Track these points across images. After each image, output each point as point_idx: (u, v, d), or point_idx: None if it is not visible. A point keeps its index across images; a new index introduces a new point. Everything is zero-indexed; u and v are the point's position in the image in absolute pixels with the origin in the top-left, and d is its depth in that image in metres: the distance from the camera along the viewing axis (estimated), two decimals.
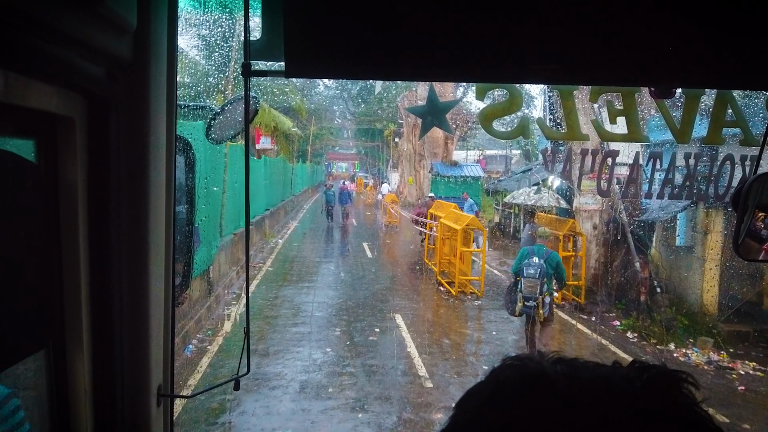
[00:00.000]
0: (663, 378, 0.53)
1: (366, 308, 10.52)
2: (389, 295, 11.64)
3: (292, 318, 9.70)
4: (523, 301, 7.60)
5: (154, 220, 1.22)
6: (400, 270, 14.90)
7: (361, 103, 45.59)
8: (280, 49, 1.14)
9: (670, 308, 10.59)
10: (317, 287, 12.17)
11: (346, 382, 6.95)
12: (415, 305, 10.97)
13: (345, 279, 13.20)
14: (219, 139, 1.65)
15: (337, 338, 8.71)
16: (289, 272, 13.66)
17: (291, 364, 7.49)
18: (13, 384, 1.17)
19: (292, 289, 11.93)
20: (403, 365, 7.67)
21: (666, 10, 1.10)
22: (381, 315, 10.10)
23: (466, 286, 11.56)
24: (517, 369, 0.56)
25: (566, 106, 1.75)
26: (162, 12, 1.19)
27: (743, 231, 1.46)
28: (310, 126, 36.93)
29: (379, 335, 8.91)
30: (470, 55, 1.15)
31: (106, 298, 1.15)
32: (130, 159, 1.16)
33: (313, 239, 20.09)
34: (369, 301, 11.01)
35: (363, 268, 14.69)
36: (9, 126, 0.96)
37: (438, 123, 1.83)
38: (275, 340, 8.43)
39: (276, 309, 10.19)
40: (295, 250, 17.22)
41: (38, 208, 1.03)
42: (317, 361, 7.63)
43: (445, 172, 25.56)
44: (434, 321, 10.03)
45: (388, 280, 13.27)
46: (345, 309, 10.41)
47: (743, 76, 1.23)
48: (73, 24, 0.93)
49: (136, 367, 1.22)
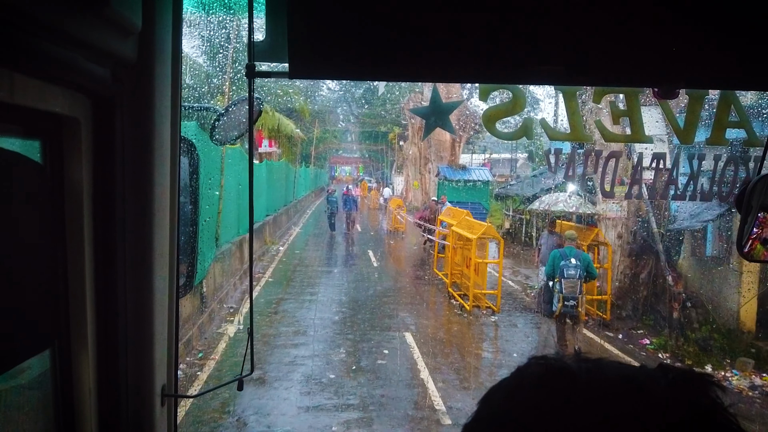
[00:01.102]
0: (689, 378, 0.52)
1: (373, 325, 9.65)
2: (397, 309, 10.76)
3: (293, 337, 8.85)
4: (563, 302, 7.76)
5: (159, 221, 1.22)
6: (407, 280, 14.02)
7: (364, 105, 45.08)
8: (284, 50, 1.15)
9: (705, 325, 9.71)
10: (320, 300, 11.32)
11: (352, 418, 6.09)
12: (426, 321, 10.09)
13: (349, 291, 12.31)
14: (223, 140, 1.65)
15: (342, 362, 7.86)
16: (290, 283, 12.81)
17: (290, 394, 6.64)
18: (18, 383, 1.14)
19: (292, 302, 11.08)
20: (417, 396, 6.80)
21: (669, 11, 1.10)
22: (389, 333, 9.23)
23: (481, 299, 10.68)
24: (542, 365, 0.56)
25: (569, 106, 1.74)
26: (167, 13, 1.20)
27: (747, 231, 1.47)
28: (313, 129, 36.57)
29: (387, 358, 8.04)
30: (473, 56, 1.17)
31: (110, 298, 1.16)
32: (135, 160, 1.17)
33: (316, 246, 19.23)
34: (376, 317, 10.15)
35: (368, 278, 13.81)
36: (15, 127, 0.97)
37: (441, 124, 1.83)
38: (273, 365, 7.58)
39: (275, 326, 9.33)
40: (297, 258, 16.39)
41: (44, 208, 1.05)
42: (319, 390, 6.78)
43: (453, 175, 24.90)
44: (448, 340, 9.14)
45: (395, 292, 12.37)
46: (350, 326, 9.55)
47: (747, 77, 1.27)
48: (78, 26, 0.95)
49: (141, 367, 1.22)
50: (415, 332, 9.21)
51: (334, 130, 47.81)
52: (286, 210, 23.72)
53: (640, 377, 0.52)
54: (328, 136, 45.87)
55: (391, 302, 11.31)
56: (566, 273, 7.76)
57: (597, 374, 0.52)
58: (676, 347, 9.36)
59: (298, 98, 27.39)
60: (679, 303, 9.74)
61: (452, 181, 24.58)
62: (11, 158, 0.93)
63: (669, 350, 9.27)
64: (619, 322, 10.23)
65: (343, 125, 50.21)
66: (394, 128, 39.28)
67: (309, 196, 38.13)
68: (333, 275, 14.35)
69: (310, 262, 16.04)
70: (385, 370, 7.60)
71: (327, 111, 44.91)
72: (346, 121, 49.68)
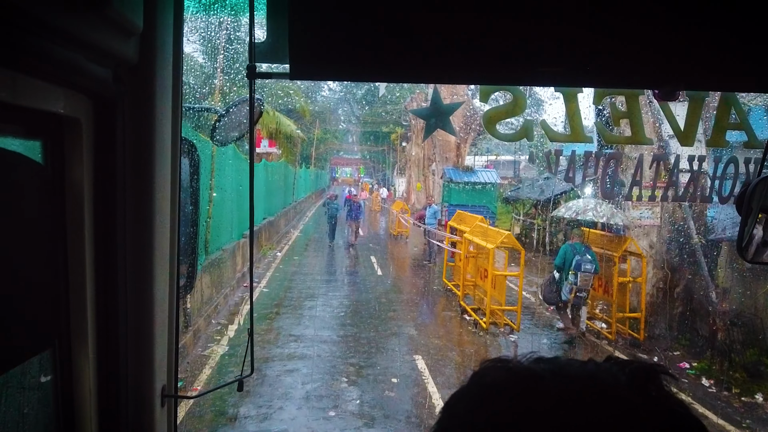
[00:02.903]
0: (644, 372, 0.53)
1: (378, 346, 8.56)
2: (405, 327, 9.66)
3: (288, 361, 7.76)
4: (575, 293, 8.57)
5: (159, 221, 1.22)
6: (415, 291, 12.92)
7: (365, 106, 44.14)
8: (285, 51, 1.15)
9: (752, 348, 8.62)
10: (318, 316, 10.24)
11: None
12: (439, 342, 8.99)
13: (351, 304, 11.21)
14: (224, 141, 1.69)
15: (345, 392, 6.77)
16: (286, 295, 11.73)
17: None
18: (18, 383, 1.14)
19: (289, 317, 9.97)
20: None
21: (670, 13, 1.10)
22: (398, 357, 8.13)
23: (499, 316, 9.59)
24: (504, 370, 0.55)
25: (570, 108, 1.73)
26: (168, 14, 1.20)
27: (747, 233, 1.47)
28: (314, 129, 35.68)
29: (397, 389, 6.95)
30: (474, 58, 1.16)
31: (111, 298, 1.16)
32: (136, 160, 1.17)
33: (315, 252, 18.13)
34: (381, 336, 9.05)
35: (372, 289, 12.71)
36: (16, 127, 0.98)
37: (442, 125, 1.82)
38: (264, 398, 6.50)
39: (268, 348, 8.24)
40: (296, 266, 15.31)
41: (45, 208, 1.05)
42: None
43: (459, 178, 23.86)
44: (465, 365, 8.04)
45: (402, 305, 11.26)
46: (353, 347, 8.46)
47: (747, 79, 1.26)
48: (80, 26, 0.95)
49: (141, 368, 1.22)
50: (427, 356, 8.11)
51: (335, 130, 46.95)
52: (285, 212, 22.65)
53: (601, 375, 0.53)
54: (329, 137, 45.02)
55: (398, 318, 10.22)
56: (584, 267, 8.62)
57: (560, 376, 0.53)
58: (720, 372, 8.29)
59: (298, 98, 26.52)
60: (724, 322, 8.65)
61: (458, 183, 23.57)
62: (12, 158, 0.95)
63: (713, 376, 8.20)
64: (653, 343, 9.15)
65: (345, 126, 49.30)
66: (397, 129, 38.38)
67: (310, 197, 37.17)
68: (334, 285, 13.26)
69: (309, 269, 14.95)
70: (394, 405, 6.51)
71: (328, 111, 44.03)
72: (348, 122, 48.76)
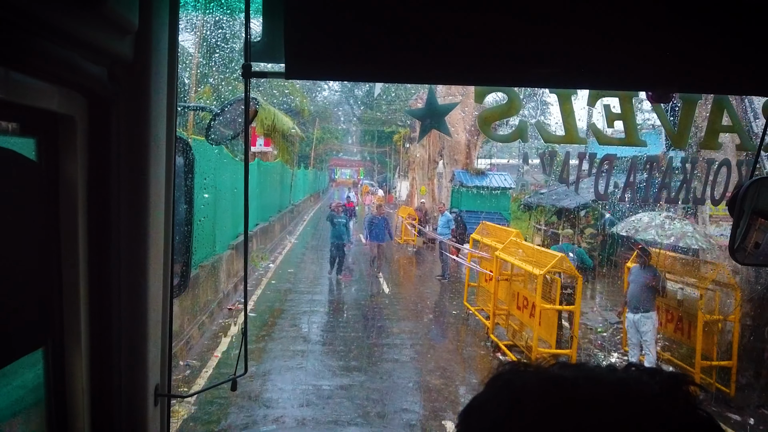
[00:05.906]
0: (674, 380, 0.53)
1: (394, 407, 6.50)
2: (427, 374, 7.58)
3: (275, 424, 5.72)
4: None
5: (154, 220, 1.22)
6: (432, 319, 10.83)
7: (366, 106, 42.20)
8: (281, 50, 1.14)
9: None
10: (314, 351, 8.20)
11: None
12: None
13: (356, 338, 9.10)
14: (218, 140, 1.68)
15: None
16: (276, 322, 9.67)
17: None
18: (10, 381, 1.13)
19: (278, 358, 7.87)
20: None
21: (664, 15, 1.10)
22: (421, 424, 6.10)
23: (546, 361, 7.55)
24: (533, 375, 0.54)
25: (564, 109, 1.73)
26: (163, 12, 1.19)
27: (739, 235, 1.47)
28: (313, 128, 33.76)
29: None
30: (469, 59, 1.16)
31: (104, 297, 1.16)
32: (130, 158, 1.16)
33: (313, 264, 16.02)
34: (398, 391, 6.99)
35: (381, 315, 10.61)
36: (10, 124, 0.97)
37: (437, 125, 1.83)
38: None
39: (248, 410, 6.19)
40: (290, 281, 13.24)
41: (38, 206, 1.05)
42: None
43: (469, 181, 21.95)
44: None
45: (420, 341, 9.13)
46: (360, 406, 6.41)
47: (741, 82, 1.25)
48: (75, 24, 0.94)
49: (134, 367, 1.22)
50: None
51: (335, 130, 45.01)
52: (281, 217, 20.58)
53: (632, 382, 0.53)
54: (328, 137, 43.08)
55: (417, 361, 8.13)
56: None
57: (593, 381, 0.52)
58: None
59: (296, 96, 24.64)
60: None
61: (468, 187, 21.63)
62: (6, 156, 0.94)
63: None
64: (746, 398, 7.12)
65: (345, 126, 47.37)
66: (400, 129, 36.47)
67: (308, 199, 35.17)
68: (334, 310, 11.20)
69: (305, 287, 12.87)
70: None
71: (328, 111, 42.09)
72: (348, 122, 46.81)
